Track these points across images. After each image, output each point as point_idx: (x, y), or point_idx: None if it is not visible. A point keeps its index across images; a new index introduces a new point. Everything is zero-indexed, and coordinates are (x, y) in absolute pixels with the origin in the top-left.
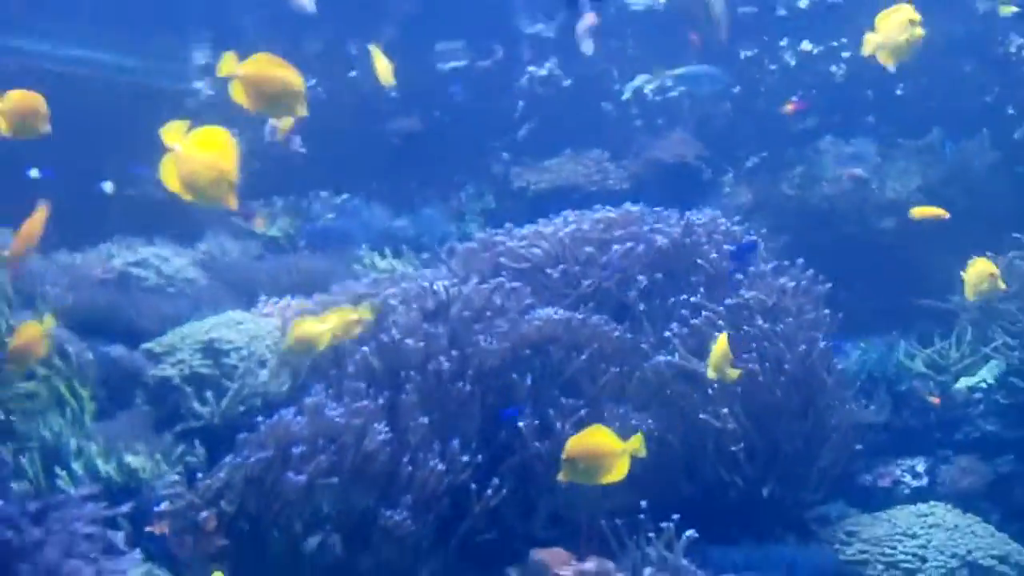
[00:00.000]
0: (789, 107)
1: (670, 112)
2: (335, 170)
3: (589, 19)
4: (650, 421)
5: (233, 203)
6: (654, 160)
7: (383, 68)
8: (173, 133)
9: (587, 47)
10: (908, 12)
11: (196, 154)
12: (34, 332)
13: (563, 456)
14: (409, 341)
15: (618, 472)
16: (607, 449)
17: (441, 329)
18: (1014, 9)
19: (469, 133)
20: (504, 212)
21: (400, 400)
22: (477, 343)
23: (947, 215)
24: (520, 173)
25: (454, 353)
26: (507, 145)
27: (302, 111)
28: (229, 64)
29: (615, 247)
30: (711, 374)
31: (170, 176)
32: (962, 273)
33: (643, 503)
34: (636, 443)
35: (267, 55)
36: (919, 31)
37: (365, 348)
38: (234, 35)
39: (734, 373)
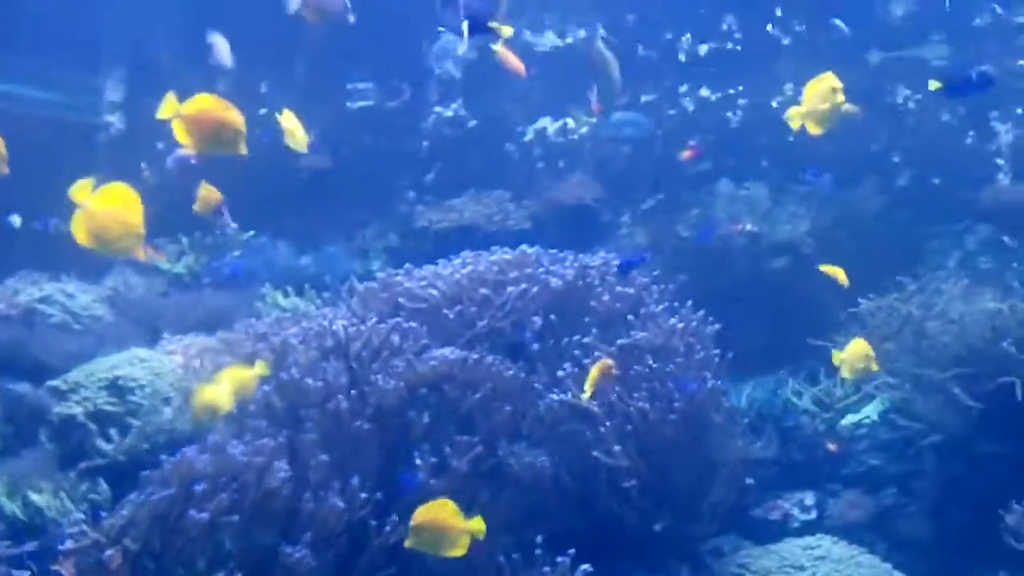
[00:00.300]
0: (686, 153)
1: (571, 154)
2: (242, 206)
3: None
4: (543, 458)
5: (141, 254)
6: (554, 201)
7: (296, 135)
8: (81, 190)
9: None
10: (831, 81)
11: (104, 209)
12: None
13: (411, 524)
14: (309, 380)
15: (459, 548)
16: (452, 524)
17: (340, 368)
18: (938, 85)
19: (376, 172)
20: (407, 251)
21: (300, 438)
22: (375, 382)
23: (846, 282)
24: (423, 212)
25: (353, 392)
26: (413, 184)
27: (243, 150)
28: (170, 105)
29: (510, 289)
30: (587, 395)
31: (80, 231)
32: (837, 352)
33: (539, 538)
34: (477, 524)
35: (208, 96)
36: (841, 98)
37: (266, 387)
38: (147, 70)
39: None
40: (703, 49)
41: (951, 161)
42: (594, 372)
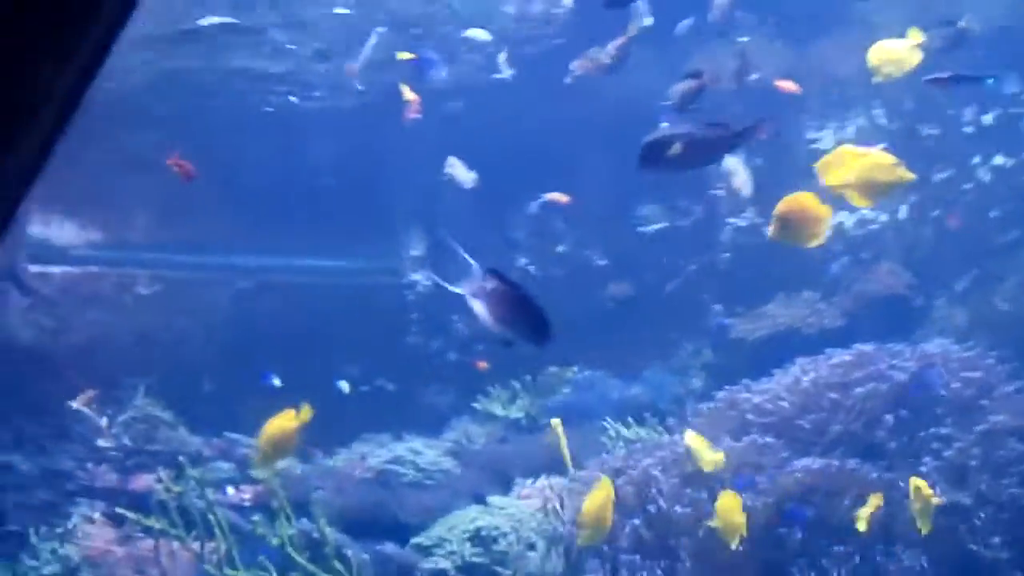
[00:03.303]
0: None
1: (874, 244)
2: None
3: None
4: (922, 558)
5: None
6: (865, 295)
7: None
8: None
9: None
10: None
11: None
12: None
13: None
14: (677, 508)
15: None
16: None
17: (704, 494)
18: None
19: (679, 290)
20: (724, 364)
21: (676, 567)
22: (745, 501)
23: None
24: (735, 324)
25: None
26: (717, 297)
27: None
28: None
29: (857, 390)
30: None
31: None
32: None
33: None
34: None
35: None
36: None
37: (635, 520)
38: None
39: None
40: (987, 119)
41: None
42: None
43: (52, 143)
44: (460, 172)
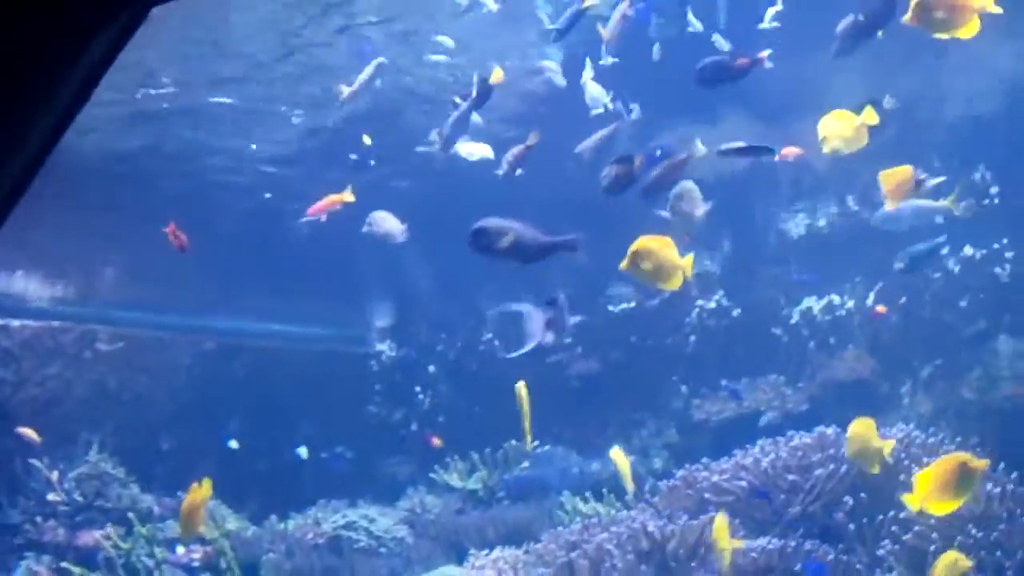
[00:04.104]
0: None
1: (840, 330)
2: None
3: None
4: None
5: None
6: (831, 380)
7: None
8: None
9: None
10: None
11: None
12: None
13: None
14: None
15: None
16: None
17: (656, 570)
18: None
19: (644, 371)
20: (687, 445)
21: None
22: None
23: None
24: (700, 405)
25: None
26: (683, 379)
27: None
28: None
29: (817, 472)
30: None
31: None
32: None
33: None
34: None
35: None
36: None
37: None
38: (409, 298)
39: None
40: (958, 210)
41: None
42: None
43: (8, 206)
44: (390, 224)
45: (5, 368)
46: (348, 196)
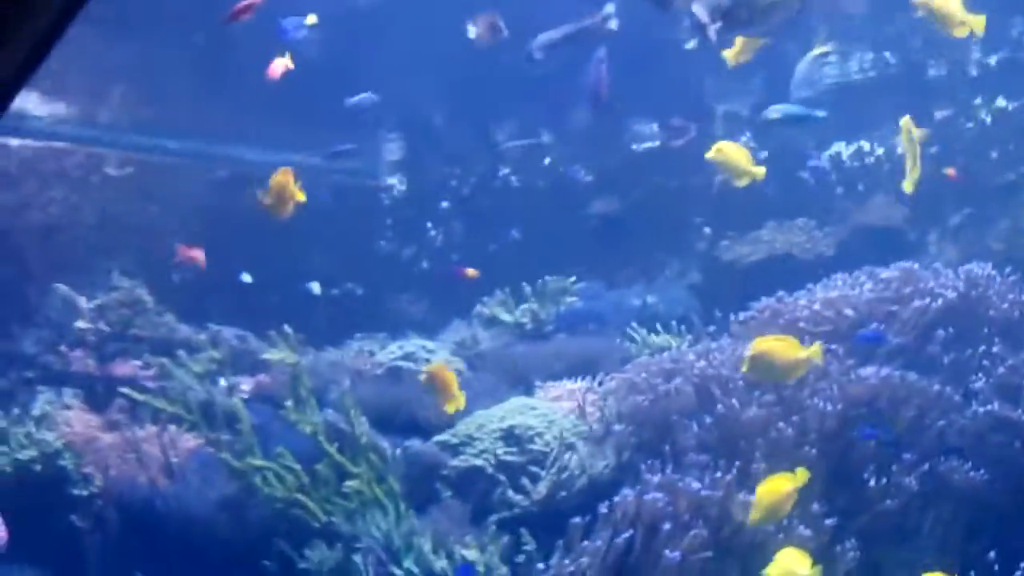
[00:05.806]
0: (949, 172)
1: (870, 177)
2: (547, 253)
3: None
4: (983, 471)
5: None
6: (860, 225)
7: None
8: None
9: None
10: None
11: None
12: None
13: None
14: (749, 411)
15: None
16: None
17: (772, 396)
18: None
19: (667, 211)
20: (712, 286)
21: (751, 469)
22: (815, 406)
23: None
24: (729, 246)
25: (794, 419)
26: (707, 220)
27: None
28: None
29: (915, 303)
30: None
31: None
32: None
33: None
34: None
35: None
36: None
37: (694, 424)
38: (422, 128)
39: None
40: (993, 60)
41: None
42: None
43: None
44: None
45: (4, 191)
46: None
